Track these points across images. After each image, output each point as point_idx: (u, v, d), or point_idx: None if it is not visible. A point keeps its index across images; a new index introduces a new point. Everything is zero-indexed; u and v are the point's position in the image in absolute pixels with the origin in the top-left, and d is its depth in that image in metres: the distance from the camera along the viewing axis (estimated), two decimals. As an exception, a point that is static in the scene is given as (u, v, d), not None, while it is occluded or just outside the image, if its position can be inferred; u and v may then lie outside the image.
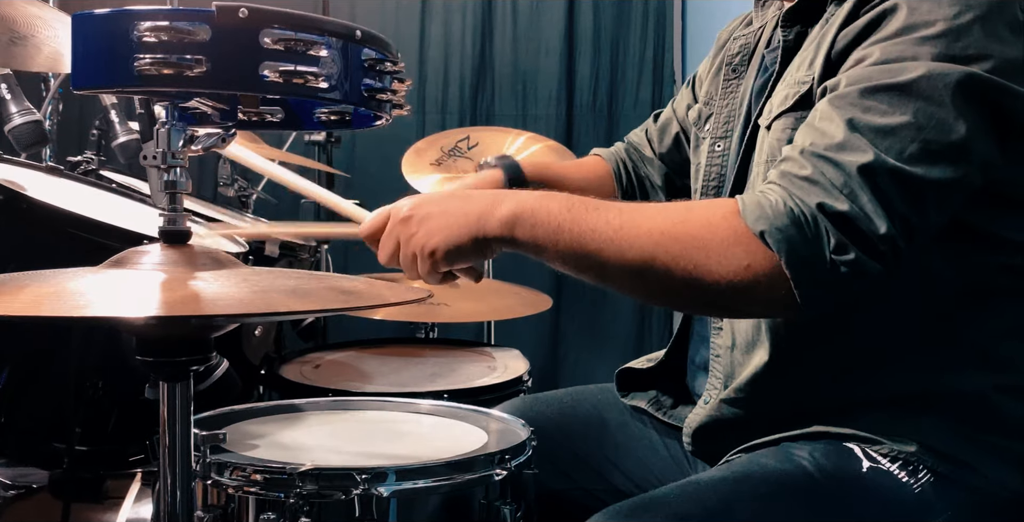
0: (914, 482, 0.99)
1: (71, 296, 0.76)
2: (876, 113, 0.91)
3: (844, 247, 0.88)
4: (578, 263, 0.96)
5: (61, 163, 1.96)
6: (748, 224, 0.90)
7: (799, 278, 0.88)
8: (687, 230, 0.92)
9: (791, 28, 1.11)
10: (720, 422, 1.12)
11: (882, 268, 0.89)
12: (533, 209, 0.96)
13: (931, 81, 0.90)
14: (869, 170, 0.89)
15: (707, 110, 1.31)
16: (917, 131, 0.90)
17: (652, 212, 0.95)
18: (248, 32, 0.76)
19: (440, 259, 0.99)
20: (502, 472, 1.07)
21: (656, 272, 0.92)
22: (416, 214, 1.01)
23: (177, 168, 0.84)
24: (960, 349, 1.02)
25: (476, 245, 0.98)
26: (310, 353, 2.10)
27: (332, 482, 1.00)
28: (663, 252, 0.91)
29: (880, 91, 0.91)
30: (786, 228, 0.88)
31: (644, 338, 3.51)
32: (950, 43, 0.91)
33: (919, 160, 0.89)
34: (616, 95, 3.55)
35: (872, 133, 0.90)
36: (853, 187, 0.88)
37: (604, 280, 0.96)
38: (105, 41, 0.76)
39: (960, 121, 0.90)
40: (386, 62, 0.86)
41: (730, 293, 0.91)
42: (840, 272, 0.88)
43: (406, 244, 1.01)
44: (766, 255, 0.89)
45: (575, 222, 0.94)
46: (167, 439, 0.85)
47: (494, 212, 0.97)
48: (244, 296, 0.79)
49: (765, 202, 0.91)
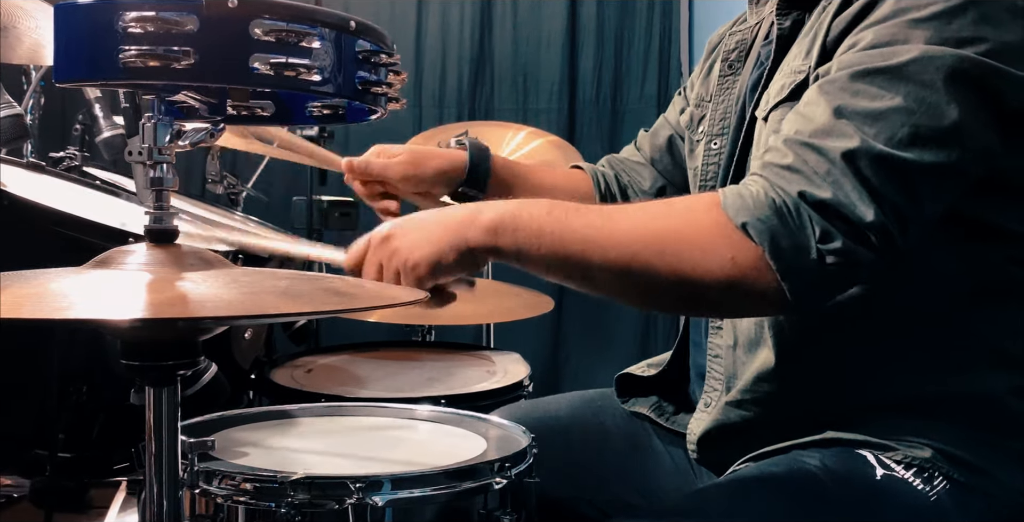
0: (930, 490, 0.99)
1: (53, 297, 0.76)
2: (865, 97, 0.91)
3: (830, 236, 0.88)
4: (562, 267, 0.96)
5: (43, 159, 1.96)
6: (730, 216, 0.90)
7: (785, 269, 0.88)
8: (668, 225, 0.93)
9: (787, 16, 1.12)
10: (726, 427, 1.12)
11: (873, 256, 0.89)
12: (514, 214, 0.97)
13: (922, 64, 0.90)
14: (853, 156, 0.89)
15: (699, 112, 1.32)
16: (907, 115, 0.90)
17: (633, 210, 0.97)
18: (238, 23, 0.76)
19: (424, 273, 0.99)
20: (502, 481, 1.07)
21: (640, 270, 0.92)
22: (395, 232, 1.02)
23: (164, 164, 0.84)
24: (973, 349, 1.02)
25: (459, 256, 0.99)
26: (302, 357, 2.10)
27: (325, 491, 1.00)
28: (645, 248, 0.92)
29: (870, 75, 0.92)
30: (768, 219, 0.89)
31: (649, 341, 3.51)
32: (943, 25, 0.91)
33: (909, 145, 0.89)
34: (620, 89, 3.55)
35: (860, 118, 0.90)
36: (836, 174, 0.89)
37: (590, 284, 0.97)
38: (89, 32, 0.76)
39: (953, 105, 0.90)
40: (381, 54, 0.86)
41: (717, 289, 0.91)
42: (827, 262, 0.88)
43: (388, 262, 1.01)
44: (750, 247, 0.89)
45: (556, 224, 0.95)
46: (153, 446, 0.85)
47: (475, 221, 0.98)
48: (233, 297, 0.78)
49: (746, 193, 0.91)
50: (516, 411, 1.38)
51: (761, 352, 1.08)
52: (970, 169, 0.93)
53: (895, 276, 0.94)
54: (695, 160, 1.29)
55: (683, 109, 1.42)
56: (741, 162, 1.15)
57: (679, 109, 1.44)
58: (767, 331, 1.06)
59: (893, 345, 1.03)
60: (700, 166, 1.26)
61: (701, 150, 1.27)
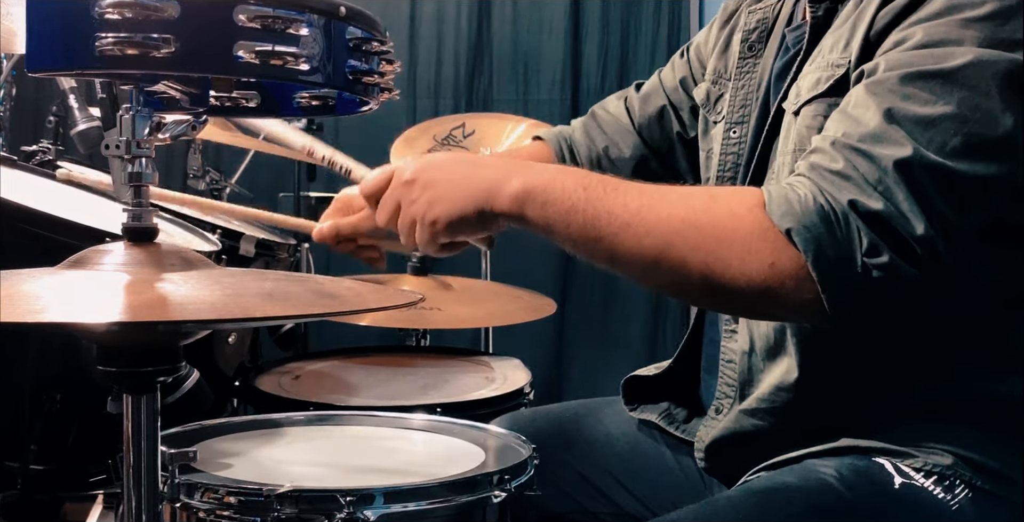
0: (951, 498, 0.99)
1: (26, 299, 0.76)
2: (917, 102, 0.91)
3: (877, 249, 0.88)
4: (590, 247, 0.97)
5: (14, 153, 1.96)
6: (774, 220, 0.90)
7: (827, 281, 0.88)
8: (710, 219, 0.93)
9: (820, 3, 1.11)
10: (739, 436, 1.12)
11: (917, 273, 0.89)
12: (546, 185, 0.98)
13: (977, 69, 0.90)
14: (906, 165, 0.89)
15: (716, 90, 1.31)
16: (961, 123, 0.90)
17: (674, 197, 0.96)
18: (221, 8, 0.76)
19: (441, 229, 1.02)
20: (501, 494, 1.07)
21: (672, 262, 0.93)
22: (420, 178, 1.03)
23: (142, 158, 0.84)
24: (998, 354, 1.03)
25: (481, 218, 1.01)
26: (289, 363, 2.10)
27: (313, 505, 1.00)
28: (682, 241, 0.92)
29: (922, 78, 0.92)
30: (815, 227, 0.89)
31: (657, 347, 3.51)
32: (997, 26, 0.91)
33: (962, 155, 0.89)
34: (626, 79, 3.55)
35: (911, 124, 0.90)
36: (888, 183, 0.89)
37: (616, 266, 0.98)
38: (63, 19, 0.76)
39: (1007, 114, 0.90)
40: (373, 42, 0.86)
41: (751, 292, 0.91)
42: (872, 276, 0.88)
43: (407, 209, 1.03)
44: (792, 255, 0.89)
45: (590, 203, 0.96)
46: (132, 457, 0.85)
47: (504, 186, 0.99)
48: (216, 300, 0.78)
49: (793, 196, 0.91)
50: (516, 420, 1.38)
51: (782, 361, 1.08)
52: (1019, 178, 0.93)
53: (932, 287, 0.94)
54: (710, 142, 1.29)
55: (685, 78, 1.40)
56: (764, 155, 1.14)
57: (679, 76, 1.42)
58: (790, 339, 1.06)
59: (920, 352, 1.04)
60: (717, 152, 1.26)
61: (719, 134, 1.27)
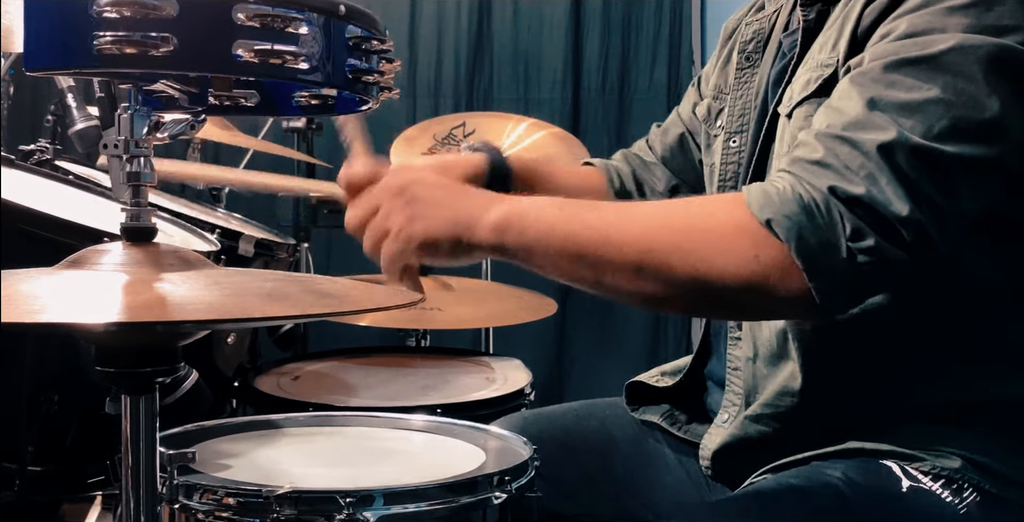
0: (959, 502, 0.99)
1: (24, 300, 0.76)
2: (901, 89, 0.91)
3: (861, 233, 0.88)
4: (573, 266, 0.96)
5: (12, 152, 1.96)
6: (754, 212, 0.91)
7: (813, 269, 0.88)
8: (687, 221, 0.94)
9: (812, 6, 1.12)
10: (745, 442, 1.12)
11: (906, 256, 0.88)
12: (523, 211, 0.98)
13: (961, 54, 0.90)
14: (890, 148, 0.89)
15: (717, 105, 1.32)
16: (946, 107, 0.90)
17: (650, 207, 0.98)
18: (220, 7, 0.76)
19: (412, 248, 1.00)
20: (502, 495, 1.07)
21: (656, 266, 0.92)
22: (408, 190, 1.02)
23: (141, 158, 0.84)
24: (1006, 355, 1.03)
25: (454, 247, 0.99)
26: (289, 363, 2.10)
27: (313, 506, 1.00)
28: (662, 244, 0.92)
29: (905, 65, 0.92)
30: (794, 215, 0.89)
31: (659, 346, 3.51)
32: (982, 13, 0.91)
33: (948, 138, 0.89)
34: (628, 77, 3.55)
35: (895, 110, 0.90)
36: (871, 168, 0.89)
37: (600, 283, 0.97)
38: (61, 17, 0.76)
39: (993, 97, 0.90)
40: (373, 40, 0.86)
41: (738, 288, 0.91)
42: (858, 262, 0.88)
43: (384, 217, 1.01)
44: (775, 245, 0.89)
45: (568, 220, 0.96)
46: (130, 458, 0.85)
47: (484, 216, 0.98)
48: (215, 300, 0.79)
49: (771, 189, 0.91)
50: (517, 421, 1.38)
51: (785, 366, 1.08)
52: (1010, 164, 0.93)
53: (929, 282, 0.94)
54: (712, 156, 1.29)
55: (696, 104, 1.42)
56: (762, 161, 1.14)
57: (692, 104, 1.43)
58: (791, 343, 1.06)
59: (924, 352, 1.04)
60: (718, 164, 1.26)
61: (719, 146, 1.27)
